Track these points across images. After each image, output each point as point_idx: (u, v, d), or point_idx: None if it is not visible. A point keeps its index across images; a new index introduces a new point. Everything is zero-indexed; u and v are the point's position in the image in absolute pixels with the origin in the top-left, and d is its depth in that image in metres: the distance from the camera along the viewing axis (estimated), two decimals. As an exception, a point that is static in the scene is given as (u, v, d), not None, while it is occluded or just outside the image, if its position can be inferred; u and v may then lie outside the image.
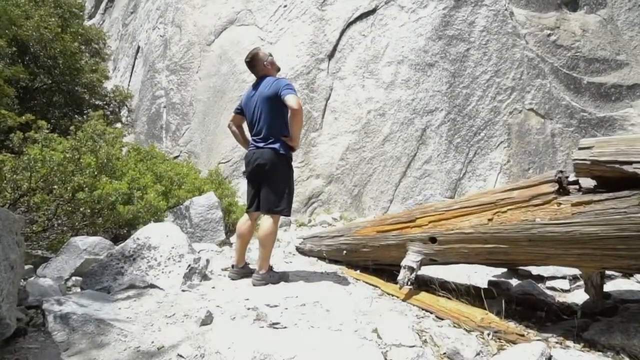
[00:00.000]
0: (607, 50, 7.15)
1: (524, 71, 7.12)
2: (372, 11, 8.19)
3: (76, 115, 7.98)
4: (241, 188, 7.37)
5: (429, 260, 2.14)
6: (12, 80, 6.87)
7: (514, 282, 2.48)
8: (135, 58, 10.79)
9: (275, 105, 2.51)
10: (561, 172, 1.61)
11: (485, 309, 1.85)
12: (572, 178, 1.61)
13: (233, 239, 5.06)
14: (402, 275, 2.10)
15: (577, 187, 1.59)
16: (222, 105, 8.70)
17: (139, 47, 10.75)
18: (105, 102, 8.26)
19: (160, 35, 10.23)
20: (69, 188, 4.06)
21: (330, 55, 8.23)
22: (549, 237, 1.49)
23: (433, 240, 2.04)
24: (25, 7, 7.26)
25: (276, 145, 2.51)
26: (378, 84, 7.63)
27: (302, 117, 2.52)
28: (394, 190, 6.96)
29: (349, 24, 8.28)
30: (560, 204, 1.51)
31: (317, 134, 7.72)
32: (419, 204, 3.59)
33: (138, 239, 2.61)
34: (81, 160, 4.25)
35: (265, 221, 2.51)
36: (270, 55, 2.74)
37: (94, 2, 14.07)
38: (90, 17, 13.65)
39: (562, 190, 1.57)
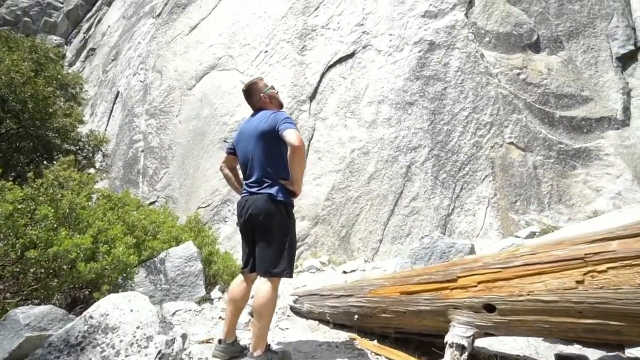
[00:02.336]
0: (572, 87, 7.18)
1: (500, 107, 7.00)
2: (351, 55, 8.05)
3: (45, 161, 7.13)
4: (222, 234, 6.60)
5: (484, 334, 1.53)
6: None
7: (578, 348, 1.89)
8: (114, 103, 10.15)
9: (272, 142, 1.96)
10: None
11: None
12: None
13: (214, 293, 4.27)
14: (449, 356, 1.48)
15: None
16: (203, 148, 8.09)
17: (118, 93, 10.14)
18: (78, 147, 7.47)
19: (141, 81, 9.70)
20: (17, 245, 3.25)
21: (312, 97, 7.93)
22: None
23: (490, 308, 1.45)
24: (-3, 52, 6.63)
25: (272, 190, 1.92)
26: (360, 123, 7.30)
27: (304, 156, 1.95)
28: (382, 229, 6.40)
29: (329, 67, 8.08)
30: None
31: (301, 174, 7.18)
32: (426, 248, 3.03)
33: (91, 317, 1.87)
34: (37, 211, 3.47)
35: (262, 286, 1.85)
36: (272, 87, 2.21)
37: (75, 51, 13.54)
38: (71, 64, 13.05)
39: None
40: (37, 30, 15.57)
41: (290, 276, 1.92)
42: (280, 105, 2.25)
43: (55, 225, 3.56)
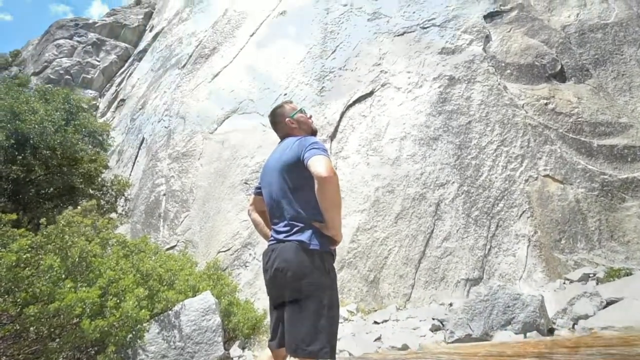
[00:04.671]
0: (608, 115, 6.67)
1: (530, 138, 6.52)
2: (370, 94, 7.91)
3: (69, 206, 7.03)
4: (242, 280, 6.13)
5: None
6: (2, 173, 6.11)
7: None
8: (139, 149, 10.28)
9: (299, 175, 1.50)
10: None
11: None
12: None
13: (233, 350, 3.74)
14: None
15: None
16: (223, 190, 7.86)
17: (143, 139, 10.30)
18: (101, 192, 7.37)
19: (165, 127, 9.85)
20: (18, 300, 2.90)
21: (332, 136, 7.70)
22: None
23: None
24: (34, 104, 6.81)
25: (304, 237, 1.43)
26: (383, 161, 6.93)
27: (338, 190, 1.44)
28: (414, 273, 5.78)
29: (348, 106, 7.93)
30: None
31: (323, 214, 6.75)
32: (484, 300, 2.44)
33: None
34: (42, 261, 3.16)
35: None
36: (302, 110, 1.79)
37: (107, 102, 14.17)
38: (103, 115, 13.60)
39: None
40: (75, 86, 16.53)
41: (333, 357, 1.36)
42: (313, 132, 1.78)
43: (63, 276, 3.22)
